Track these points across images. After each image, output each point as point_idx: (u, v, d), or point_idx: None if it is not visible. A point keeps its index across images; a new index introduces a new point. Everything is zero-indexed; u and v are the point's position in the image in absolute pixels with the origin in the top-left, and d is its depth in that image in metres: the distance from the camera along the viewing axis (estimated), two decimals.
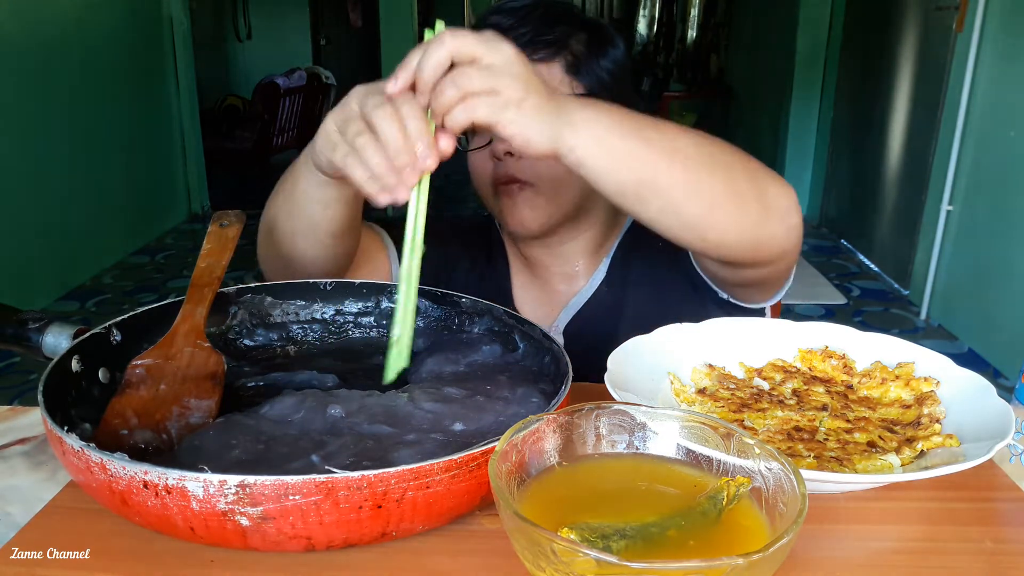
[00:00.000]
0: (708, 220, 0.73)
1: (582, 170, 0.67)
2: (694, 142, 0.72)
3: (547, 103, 0.63)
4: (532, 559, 0.43)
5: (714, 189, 0.72)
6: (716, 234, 0.74)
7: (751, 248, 0.77)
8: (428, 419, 0.65)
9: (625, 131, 0.68)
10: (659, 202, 0.71)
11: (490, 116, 0.61)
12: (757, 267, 0.83)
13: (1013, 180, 2.88)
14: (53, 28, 3.65)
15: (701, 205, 0.72)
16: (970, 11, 3.07)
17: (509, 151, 0.94)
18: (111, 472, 0.50)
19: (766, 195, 0.75)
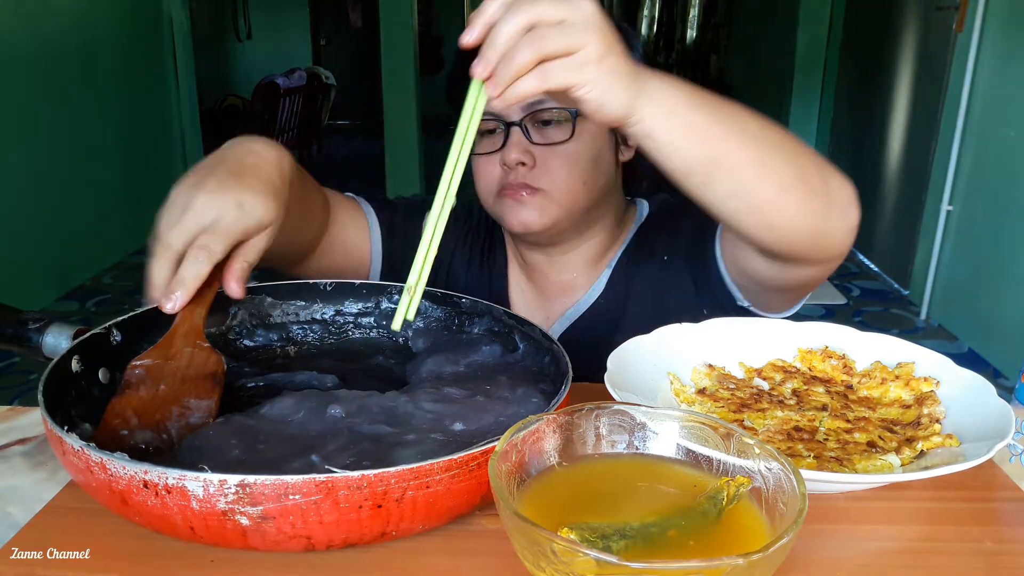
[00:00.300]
0: (777, 205, 0.69)
1: (648, 142, 0.64)
2: (762, 123, 0.68)
3: (625, 65, 0.60)
4: (532, 559, 0.43)
5: (784, 172, 0.68)
6: (784, 221, 0.70)
7: (813, 240, 0.73)
8: (428, 419, 0.65)
9: (697, 105, 0.64)
10: (728, 183, 0.67)
11: (565, 79, 0.58)
12: (811, 265, 0.79)
13: (1013, 180, 2.88)
14: (53, 28, 3.65)
15: (771, 188, 0.68)
16: (970, 11, 3.07)
17: (522, 160, 0.91)
18: (111, 472, 0.50)
19: (829, 185, 0.72)
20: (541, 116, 0.91)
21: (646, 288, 1.00)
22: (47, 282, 3.69)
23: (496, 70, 0.57)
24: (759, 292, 0.92)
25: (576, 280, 1.04)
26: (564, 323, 1.03)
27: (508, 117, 0.92)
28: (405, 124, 5.20)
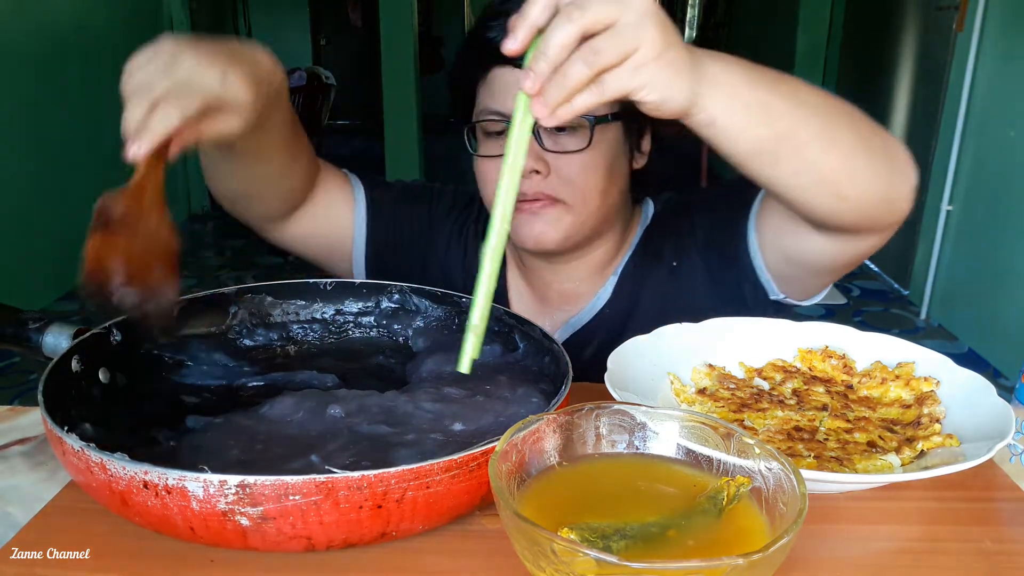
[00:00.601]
0: (847, 173, 0.67)
1: (711, 129, 0.61)
2: (817, 91, 0.66)
3: (684, 55, 0.57)
4: (532, 559, 0.43)
5: (849, 139, 0.66)
6: (855, 189, 0.68)
7: (883, 205, 0.72)
8: (428, 419, 0.65)
9: (756, 82, 0.62)
10: (796, 159, 0.65)
11: (623, 87, 0.54)
12: (875, 233, 0.77)
13: (1013, 180, 2.88)
14: (53, 28, 3.65)
15: (839, 157, 0.66)
16: (970, 11, 3.06)
17: (536, 168, 0.86)
18: (111, 472, 0.50)
19: (889, 146, 0.70)
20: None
21: (654, 295, 0.97)
22: (47, 282, 3.68)
23: (547, 88, 0.53)
24: (804, 277, 0.89)
25: (579, 288, 1.00)
26: (568, 331, 0.99)
27: None
28: (405, 124, 5.20)
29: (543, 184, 0.88)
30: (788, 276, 0.89)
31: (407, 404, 0.66)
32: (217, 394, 0.74)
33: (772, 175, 0.66)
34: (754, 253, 0.90)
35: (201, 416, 0.67)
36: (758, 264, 0.90)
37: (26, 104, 3.47)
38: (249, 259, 4.26)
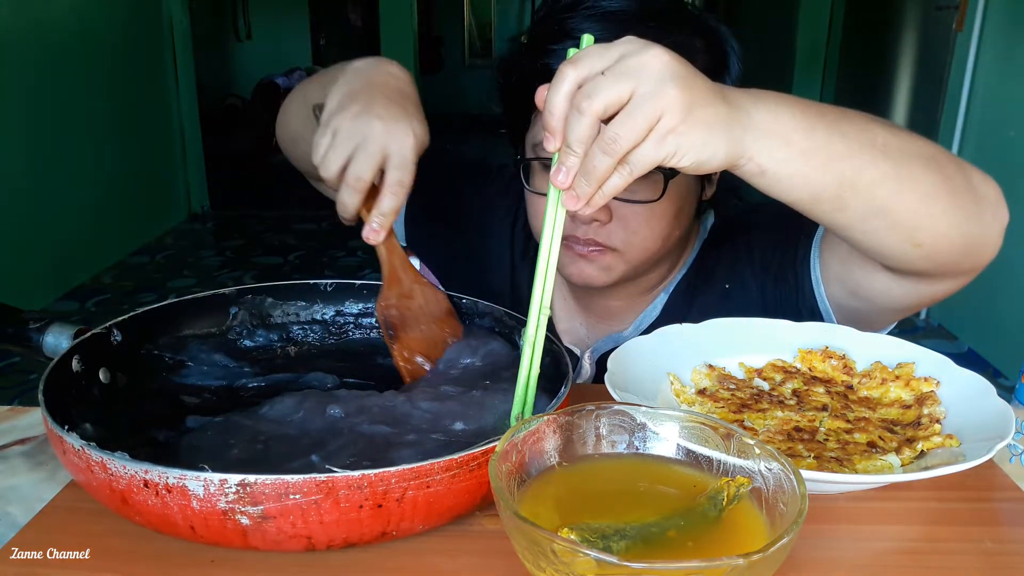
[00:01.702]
0: (923, 217, 0.61)
1: (762, 179, 0.57)
2: (890, 128, 0.61)
3: (716, 108, 0.53)
4: (532, 559, 0.43)
5: (926, 180, 0.60)
6: (932, 234, 0.63)
7: (965, 250, 0.66)
8: (428, 419, 0.65)
9: (814, 125, 0.57)
10: (864, 203, 0.60)
11: (652, 159, 0.52)
12: (956, 277, 0.72)
13: (1013, 180, 2.88)
14: (53, 27, 3.65)
15: (914, 200, 0.61)
16: (970, 11, 3.07)
17: (596, 218, 0.80)
18: (111, 471, 0.50)
19: (974, 185, 0.64)
20: None
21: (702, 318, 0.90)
22: (47, 282, 3.69)
23: (575, 183, 0.53)
24: (871, 313, 0.82)
25: (625, 306, 0.95)
26: (609, 343, 0.93)
27: None
28: None
29: (600, 232, 0.82)
30: (851, 310, 0.84)
31: (406, 404, 0.66)
32: (217, 394, 0.74)
33: (835, 220, 0.62)
34: (816, 282, 0.84)
35: (201, 416, 0.67)
36: (819, 294, 0.85)
37: (26, 104, 3.47)
38: (249, 259, 4.26)
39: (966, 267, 0.70)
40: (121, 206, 4.30)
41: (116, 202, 4.25)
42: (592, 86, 0.51)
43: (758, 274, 0.90)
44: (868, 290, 0.79)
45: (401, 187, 0.67)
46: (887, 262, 0.69)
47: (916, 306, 0.80)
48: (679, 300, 0.93)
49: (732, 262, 0.92)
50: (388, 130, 0.66)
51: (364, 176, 0.66)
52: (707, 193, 0.91)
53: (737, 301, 0.91)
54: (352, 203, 0.67)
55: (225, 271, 4.12)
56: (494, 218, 1.03)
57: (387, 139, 0.66)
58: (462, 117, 7.28)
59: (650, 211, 0.82)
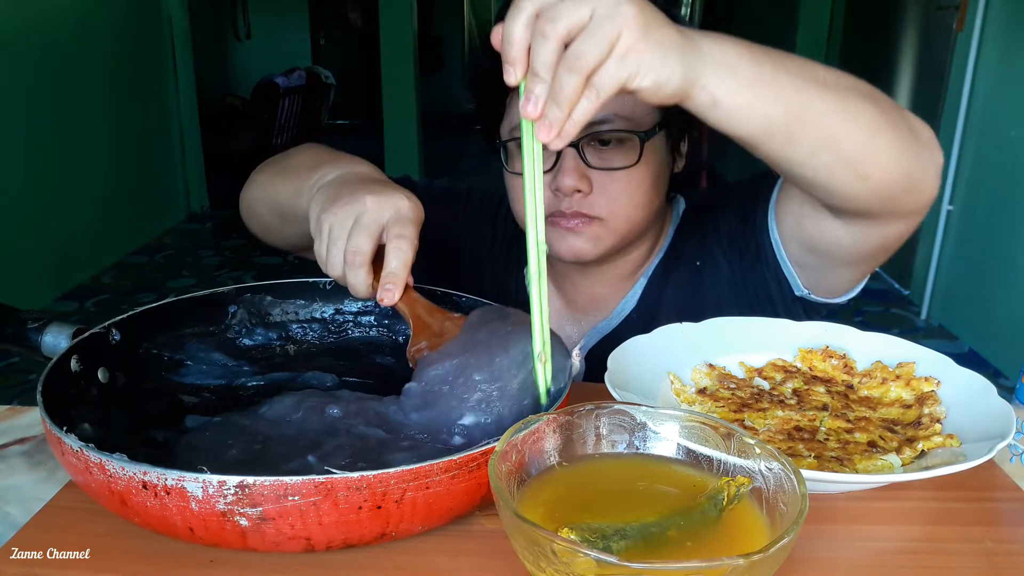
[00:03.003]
0: (869, 150, 0.64)
1: (716, 111, 0.58)
2: (826, 68, 0.63)
3: (670, 31, 0.55)
4: (532, 559, 0.43)
5: (869, 114, 0.63)
6: (878, 167, 0.65)
7: (907, 186, 0.68)
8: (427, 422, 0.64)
9: (758, 58, 0.59)
10: (813, 136, 0.62)
11: (616, 81, 0.53)
12: (899, 218, 0.74)
13: (1013, 180, 2.88)
14: (52, 27, 3.65)
15: (861, 133, 0.63)
16: (970, 11, 3.06)
17: (578, 188, 0.84)
18: (110, 472, 0.50)
19: (912, 124, 0.67)
20: (601, 136, 0.84)
21: (677, 296, 0.95)
22: (46, 282, 3.68)
23: (546, 110, 0.53)
24: (828, 268, 0.85)
25: (609, 293, 0.98)
26: (595, 336, 0.97)
27: None
28: (405, 123, 5.21)
29: (583, 203, 0.85)
30: (811, 267, 0.87)
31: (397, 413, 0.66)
32: (216, 394, 0.74)
33: (787, 155, 0.63)
34: (776, 245, 0.88)
35: (200, 416, 0.67)
36: (780, 256, 0.88)
37: (26, 104, 3.47)
38: (248, 259, 4.26)
39: (909, 206, 0.72)
40: (120, 206, 4.30)
41: (115, 202, 4.25)
42: (553, 11, 0.52)
43: (726, 249, 0.94)
44: (820, 241, 0.81)
45: (404, 240, 0.65)
46: (837, 200, 0.70)
47: (868, 255, 0.81)
48: (656, 284, 0.96)
49: (701, 240, 0.96)
50: (379, 202, 0.66)
51: (362, 248, 0.65)
52: (678, 166, 0.94)
53: (708, 278, 0.94)
54: (360, 282, 0.66)
55: (224, 271, 4.12)
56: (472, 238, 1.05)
57: (380, 209, 0.66)
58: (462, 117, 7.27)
59: (628, 178, 0.85)
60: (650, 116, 0.86)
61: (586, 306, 1.00)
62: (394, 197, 0.67)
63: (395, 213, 0.66)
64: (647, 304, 0.96)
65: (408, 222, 0.66)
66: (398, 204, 0.66)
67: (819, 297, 0.90)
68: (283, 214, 0.84)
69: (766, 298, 0.91)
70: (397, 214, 0.66)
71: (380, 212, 0.66)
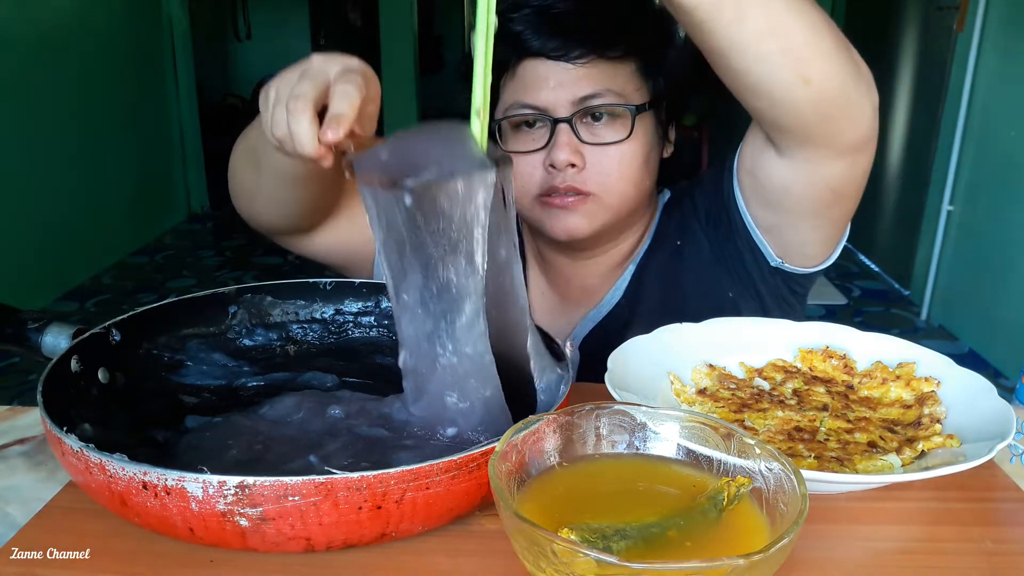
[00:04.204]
0: (813, 48, 0.65)
1: None
2: None
3: None
4: (532, 560, 0.43)
5: (816, 17, 0.64)
6: (819, 71, 0.66)
7: (845, 106, 0.69)
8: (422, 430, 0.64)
9: None
10: (762, 19, 0.63)
11: None
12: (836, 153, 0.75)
13: (1013, 180, 2.88)
14: (52, 27, 3.65)
15: (806, 27, 0.64)
16: (970, 11, 3.06)
17: (572, 162, 0.85)
18: (110, 472, 0.50)
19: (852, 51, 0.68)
20: (593, 111, 0.86)
21: (659, 277, 0.97)
22: (46, 282, 3.68)
23: None
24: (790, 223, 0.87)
25: (600, 283, 1.00)
26: (587, 325, 0.98)
27: (555, 113, 0.86)
28: (405, 124, 5.18)
29: (576, 178, 0.87)
30: (775, 227, 0.88)
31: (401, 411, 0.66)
32: (217, 394, 0.74)
33: (734, 38, 0.64)
34: (743, 210, 0.89)
35: (200, 416, 0.67)
36: (748, 222, 0.90)
37: (25, 104, 3.47)
38: (248, 259, 4.26)
39: (846, 135, 0.73)
40: (121, 206, 4.30)
41: (116, 202, 4.25)
42: None
43: (704, 225, 0.95)
44: (771, 187, 0.83)
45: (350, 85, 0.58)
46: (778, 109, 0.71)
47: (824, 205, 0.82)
48: (643, 270, 0.98)
49: (681, 221, 0.98)
50: (327, 58, 0.62)
51: (305, 93, 0.58)
52: (666, 151, 0.96)
53: (690, 258, 0.95)
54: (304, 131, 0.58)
55: (225, 271, 4.12)
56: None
57: (327, 64, 0.61)
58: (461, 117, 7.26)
59: (620, 154, 0.87)
60: (640, 93, 0.88)
61: (579, 297, 1.01)
62: (344, 57, 0.62)
63: (343, 67, 0.61)
64: (634, 290, 0.98)
65: (356, 73, 0.60)
66: (347, 61, 0.62)
67: (794, 267, 0.91)
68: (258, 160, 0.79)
69: (744, 273, 0.92)
70: (345, 67, 0.61)
71: (326, 65, 0.61)
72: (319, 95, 0.59)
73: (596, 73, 0.86)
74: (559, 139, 0.86)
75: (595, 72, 0.86)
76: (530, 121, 0.88)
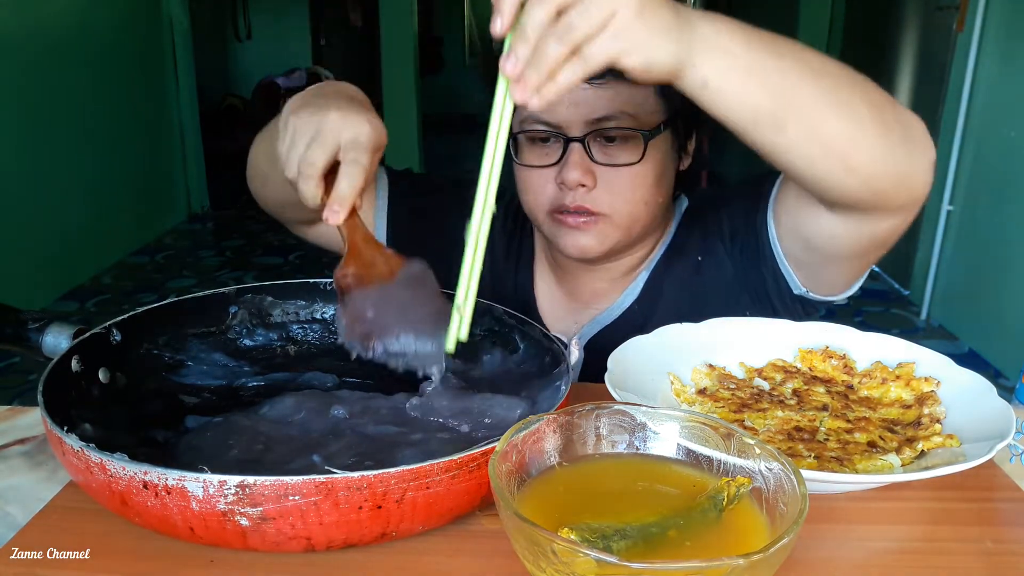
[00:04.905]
0: (857, 142, 0.63)
1: (706, 93, 0.58)
2: (819, 55, 0.63)
3: (665, 12, 0.55)
4: (532, 559, 0.43)
5: (859, 105, 0.63)
6: (866, 159, 0.64)
7: (897, 180, 0.67)
8: (429, 420, 0.65)
9: (751, 42, 0.59)
10: (800, 124, 0.61)
11: (605, 55, 0.53)
12: (891, 213, 0.73)
13: (1013, 180, 2.88)
14: (53, 28, 3.65)
15: (849, 124, 0.62)
16: (970, 11, 3.06)
17: (582, 182, 0.85)
18: (111, 472, 0.50)
19: (904, 117, 0.66)
20: (606, 132, 0.85)
21: (679, 291, 0.95)
22: (47, 282, 3.68)
23: (524, 72, 0.53)
24: (824, 264, 0.85)
25: (610, 287, 0.99)
26: (594, 327, 0.98)
27: (569, 132, 0.85)
28: (405, 124, 5.21)
29: (587, 198, 0.86)
30: (807, 264, 0.87)
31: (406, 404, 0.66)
32: (217, 394, 0.74)
33: (776, 143, 0.63)
34: (774, 242, 0.88)
35: (201, 416, 0.67)
36: (778, 253, 0.88)
37: (26, 104, 3.47)
38: (248, 259, 4.26)
39: (900, 200, 0.71)
40: (121, 206, 4.30)
41: (116, 202, 4.25)
42: None
43: (728, 246, 0.94)
44: (816, 236, 0.81)
45: (356, 165, 0.65)
46: (826, 193, 0.70)
47: (863, 251, 0.81)
48: (658, 278, 0.97)
49: (704, 237, 0.96)
50: (343, 118, 0.66)
51: (316, 162, 0.65)
52: (683, 163, 0.95)
53: (710, 274, 0.94)
54: (309, 191, 0.67)
55: (225, 271, 4.12)
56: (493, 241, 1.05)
57: (341, 127, 0.66)
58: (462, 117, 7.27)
59: (632, 175, 0.86)
60: (655, 115, 0.87)
61: (588, 299, 1.00)
62: (358, 119, 0.67)
63: (354, 136, 0.66)
64: (648, 297, 0.97)
65: (364, 148, 0.66)
66: (359, 128, 0.66)
67: (818, 296, 0.90)
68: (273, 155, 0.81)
69: (764, 295, 0.91)
70: (356, 138, 0.66)
71: (340, 130, 0.66)
72: (328, 163, 0.66)
73: (613, 95, 0.85)
74: (571, 158, 0.85)
75: (612, 93, 0.85)
76: (544, 137, 0.87)
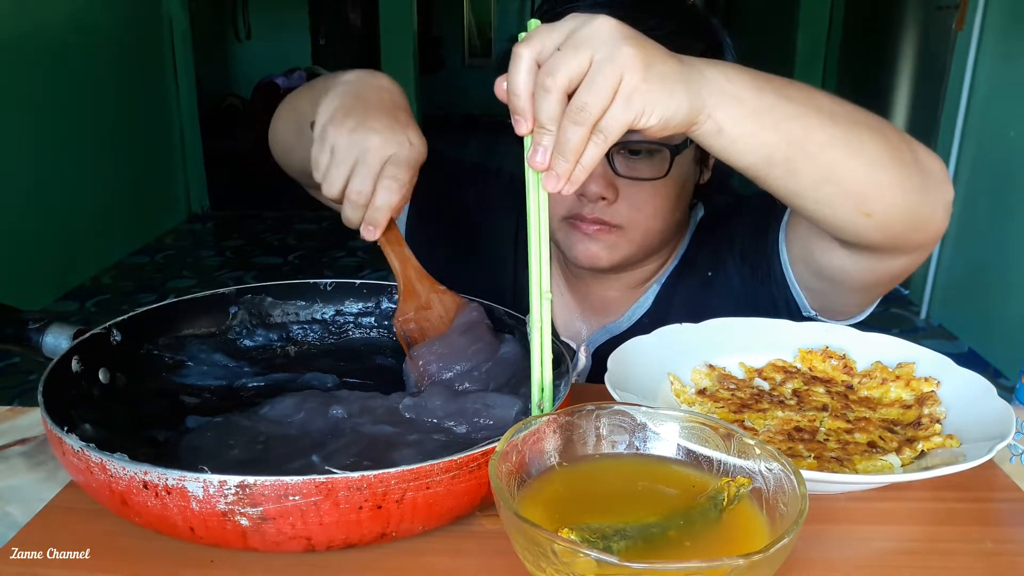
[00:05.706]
0: (873, 185, 0.63)
1: (719, 139, 0.58)
2: (834, 98, 0.62)
3: (671, 64, 0.55)
4: (532, 560, 0.43)
5: (874, 148, 0.62)
6: (882, 203, 0.64)
7: (912, 223, 0.67)
8: (430, 420, 0.65)
9: (762, 87, 0.59)
10: (815, 168, 0.61)
11: (622, 123, 0.53)
12: (906, 253, 0.73)
13: (1013, 180, 2.88)
14: (52, 27, 3.65)
15: (863, 167, 0.62)
16: (970, 11, 3.06)
17: (604, 195, 0.84)
18: (111, 472, 0.50)
19: (921, 159, 0.65)
20: (632, 146, 0.84)
21: (688, 306, 0.94)
22: (47, 282, 3.68)
23: (553, 162, 0.53)
24: (836, 294, 0.85)
25: (622, 296, 0.98)
26: (604, 335, 0.98)
27: None
28: None
29: (605, 211, 0.86)
30: (818, 291, 0.86)
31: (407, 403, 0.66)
32: (217, 394, 0.74)
33: (790, 187, 0.62)
34: (785, 266, 0.87)
35: (201, 416, 0.67)
36: (789, 277, 0.87)
37: (26, 104, 3.47)
38: (249, 259, 4.26)
39: (916, 241, 0.71)
40: (121, 206, 4.30)
41: (116, 202, 4.25)
42: (552, 63, 0.52)
43: (739, 264, 0.94)
44: (828, 268, 0.81)
45: (395, 181, 0.66)
46: (841, 234, 0.70)
47: (875, 285, 0.81)
48: (669, 291, 0.96)
49: (715, 252, 0.96)
50: (386, 141, 0.67)
51: (365, 190, 0.67)
52: (704, 177, 0.94)
53: (719, 290, 0.94)
54: (356, 217, 0.68)
55: (225, 271, 4.12)
56: (496, 218, 1.04)
57: (385, 151, 0.67)
58: (462, 117, 7.27)
59: (654, 188, 0.85)
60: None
61: (599, 308, 1.00)
62: (398, 136, 0.68)
63: (395, 153, 0.67)
64: (659, 309, 0.96)
65: (405, 165, 0.67)
66: (400, 147, 0.67)
67: (827, 319, 0.89)
68: (300, 125, 0.83)
69: (773, 314, 0.89)
70: (397, 156, 0.67)
71: (385, 153, 0.67)
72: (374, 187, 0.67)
73: None
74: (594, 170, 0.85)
75: None
76: None
